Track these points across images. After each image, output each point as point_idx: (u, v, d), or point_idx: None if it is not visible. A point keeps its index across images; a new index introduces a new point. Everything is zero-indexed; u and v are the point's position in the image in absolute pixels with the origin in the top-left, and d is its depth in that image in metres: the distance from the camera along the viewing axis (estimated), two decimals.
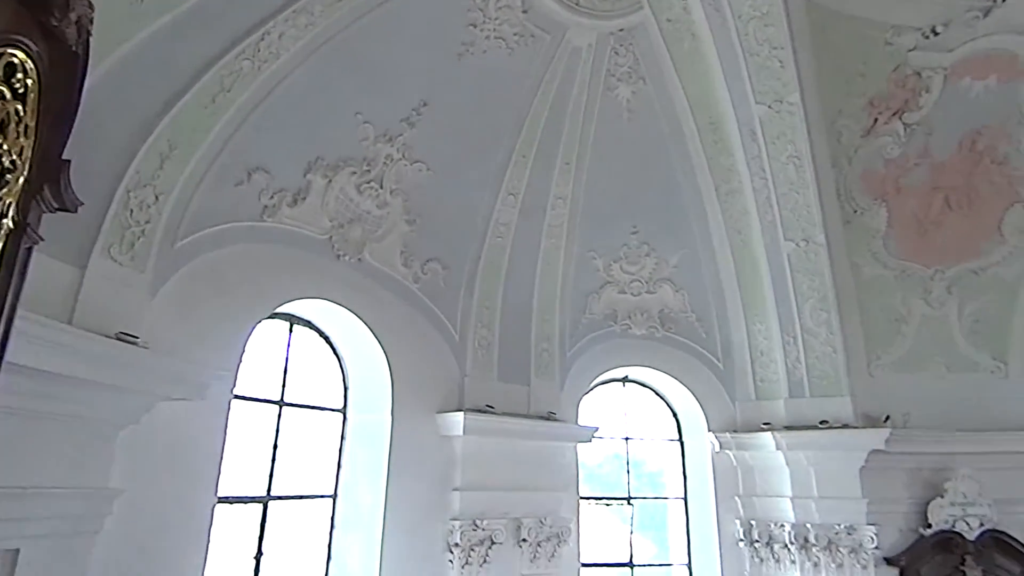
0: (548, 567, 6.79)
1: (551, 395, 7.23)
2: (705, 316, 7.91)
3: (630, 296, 7.78)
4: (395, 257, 6.21)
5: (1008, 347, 7.75)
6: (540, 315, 7.16)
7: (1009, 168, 6.86)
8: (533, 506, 6.80)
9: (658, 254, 7.71)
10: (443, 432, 6.38)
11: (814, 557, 7.09)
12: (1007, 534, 7.23)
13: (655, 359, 7.96)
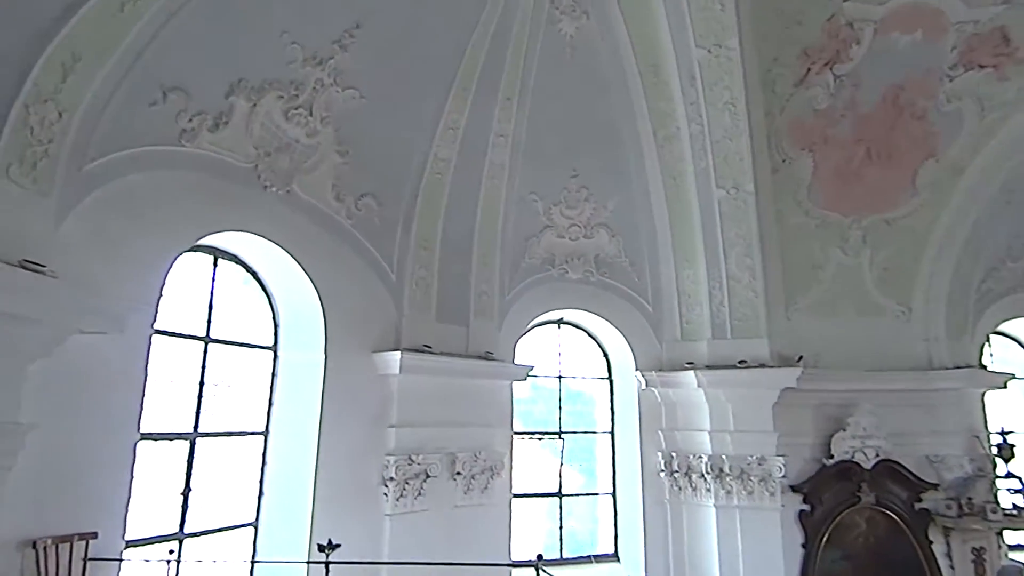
0: (481, 498, 6.86)
1: (489, 336, 7.14)
2: (638, 261, 7.91)
3: (568, 241, 7.67)
4: (327, 190, 5.81)
5: (912, 294, 8.15)
6: (480, 257, 6.96)
7: (927, 123, 7.04)
8: (468, 441, 6.79)
9: (596, 199, 7.59)
10: (379, 371, 6.20)
11: (727, 486, 7.43)
12: (898, 463, 7.76)
13: (590, 302, 7.95)
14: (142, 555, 4.61)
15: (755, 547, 7.28)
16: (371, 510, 6.07)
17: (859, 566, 7.61)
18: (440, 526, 6.41)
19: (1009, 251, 8.58)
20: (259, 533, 5.62)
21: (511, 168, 6.89)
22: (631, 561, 7.71)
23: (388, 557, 5.89)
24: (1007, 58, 6.41)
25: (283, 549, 5.46)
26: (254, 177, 5.25)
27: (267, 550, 5.53)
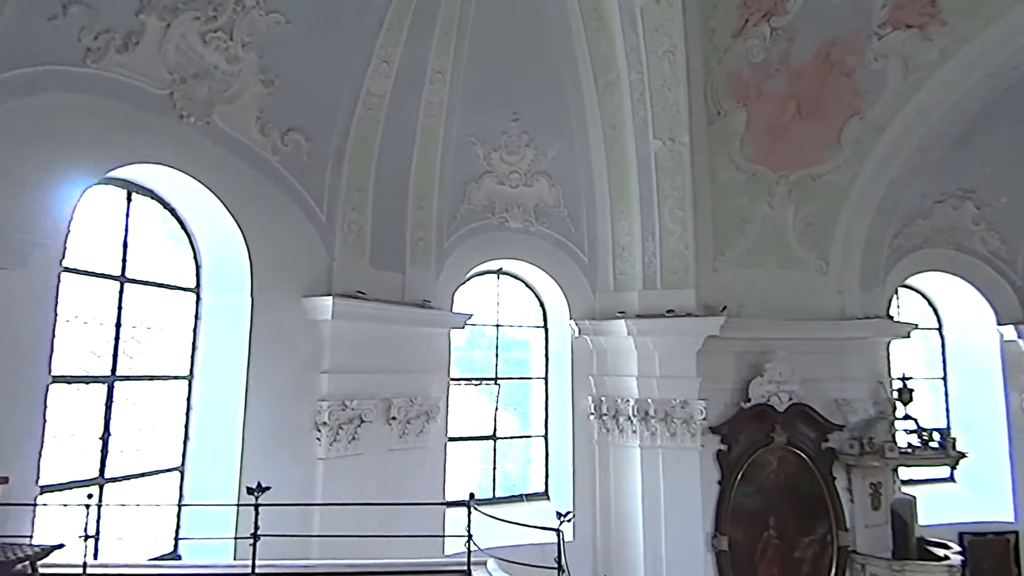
0: (416, 442, 6.79)
1: (427, 283, 6.92)
2: (576, 211, 7.81)
3: (508, 188, 7.46)
4: (250, 123, 5.33)
5: (830, 248, 8.42)
6: (417, 201, 6.66)
7: (854, 81, 7.13)
8: (404, 387, 6.65)
9: (537, 145, 7.37)
10: (310, 316, 5.92)
11: (652, 428, 7.64)
12: (809, 406, 8.15)
13: (529, 253, 7.84)
14: (59, 500, 4.33)
15: (676, 484, 7.57)
16: (303, 454, 5.89)
17: (769, 500, 8.03)
18: (374, 469, 6.31)
19: (920, 209, 8.98)
20: (185, 478, 5.39)
21: (449, 108, 6.53)
22: (561, 499, 7.89)
23: (321, 500, 5.78)
24: (932, 19, 6.52)
25: (211, 494, 5.26)
26: (169, 105, 4.77)
27: (194, 495, 5.32)
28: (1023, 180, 8.90)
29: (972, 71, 6.93)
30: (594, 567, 7.72)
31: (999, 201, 9.08)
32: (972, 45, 6.64)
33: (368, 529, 5.03)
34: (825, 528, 8.14)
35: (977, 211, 9.14)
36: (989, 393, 9.61)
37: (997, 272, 9.48)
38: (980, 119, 7.77)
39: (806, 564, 8.04)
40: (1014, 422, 9.41)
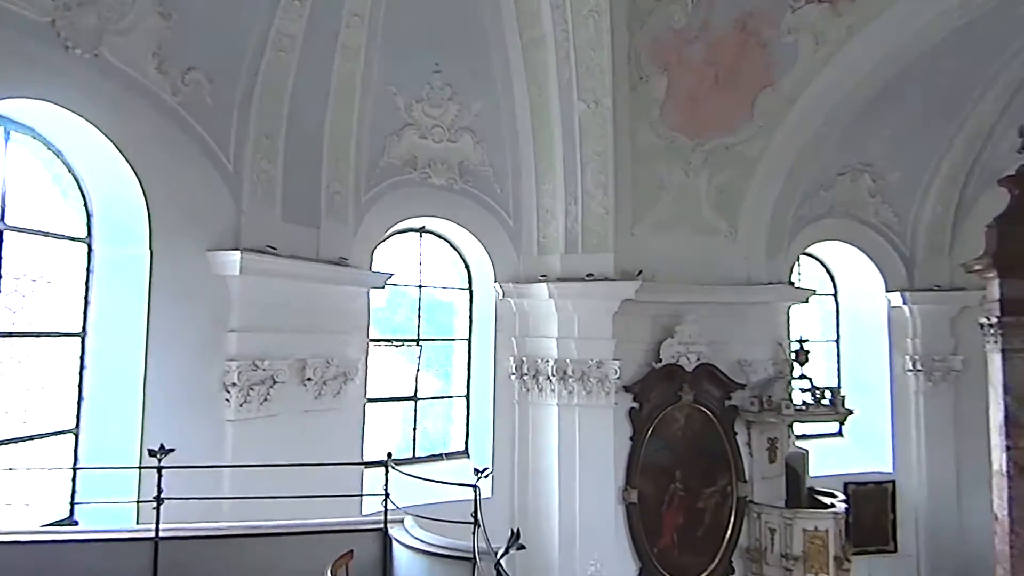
0: (333, 403, 6.58)
1: (343, 240, 6.62)
2: (501, 171, 7.64)
3: (431, 143, 7.18)
4: (145, 59, 4.82)
5: (739, 215, 8.69)
6: (333, 152, 6.27)
7: (768, 52, 7.27)
8: (320, 347, 6.39)
9: (461, 99, 7.11)
10: (216, 271, 5.52)
11: (570, 387, 7.77)
12: (715, 366, 8.49)
13: (453, 211, 7.65)
14: None
15: (590, 441, 7.76)
16: (212, 416, 5.57)
17: (677, 454, 8.38)
18: (288, 431, 6.06)
19: (822, 181, 9.40)
20: (81, 440, 4.99)
21: (368, 54, 6.14)
22: (480, 456, 7.91)
23: (232, 463, 5.50)
24: None
25: (110, 457, 4.89)
26: (52, 34, 4.23)
27: (91, 458, 4.94)
28: (916, 156, 9.46)
29: (876, 49, 7.21)
30: (511, 522, 7.82)
31: (893, 176, 9.63)
32: (877, 23, 6.89)
33: (283, 491, 4.86)
34: (726, 480, 8.58)
35: (873, 184, 9.66)
36: (876, 355, 10.33)
37: (888, 243, 10.11)
38: (880, 96, 8.15)
39: (708, 514, 8.48)
40: (896, 382, 10.17)
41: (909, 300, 9.99)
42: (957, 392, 9.95)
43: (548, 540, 7.67)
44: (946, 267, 9.97)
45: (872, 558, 9.64)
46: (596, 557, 7.34)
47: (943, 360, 9.98)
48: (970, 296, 9.43)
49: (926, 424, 9.99)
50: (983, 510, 8.72)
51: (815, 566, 8.15)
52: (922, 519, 9.93)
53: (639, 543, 8.06)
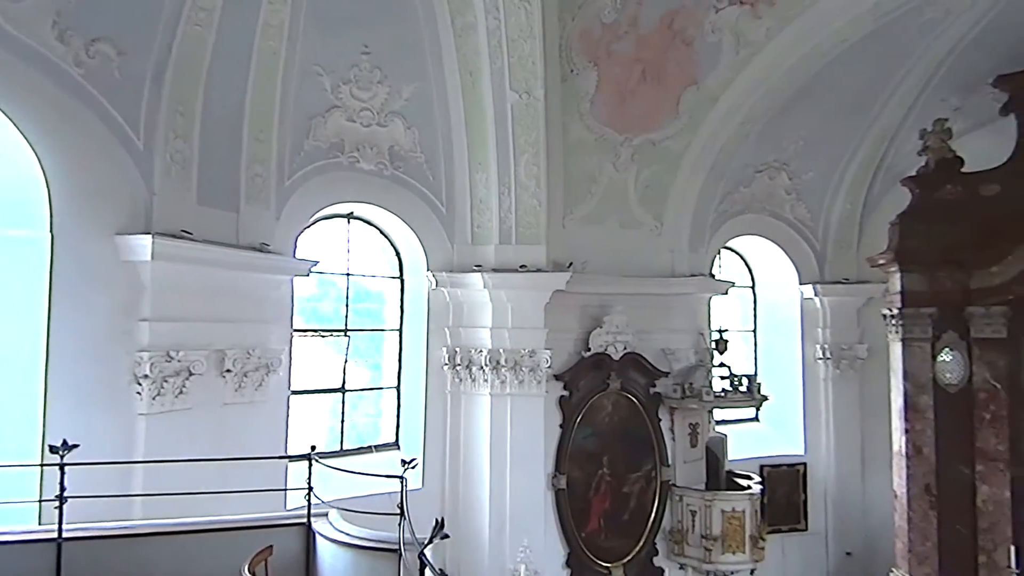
0: (255, 396, 6.29)
1: (265, 225, 6.31)
2: (433, 159, 7.48)
3: (360, 126, 6.93)
4: (44, 27, 4.42)
5: (665, 210, 8.92)
6: (254, 132, 5.94)
7: (693, 51, 7.47)
8: (240, 338, 6.08)
9: (391, 83, 6.89)
10: (124, 257, 5.14)
11: (503, 376, 7.77)
12: (640, 355, 8.71)
13: (383, 197, 7.43)
14: None
15: (522, 429, 7.79)
16: (121, 410, 5.21)
17: (604, 441, 8.55)
18: (206, 425, 5.76)
19: (742, 178, 9.78)
20: None
21: (291, 31, 5.84)
22: (411, 448, 7.78)
23: (144, 458, 5.18)
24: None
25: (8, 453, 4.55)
26: None
27: None
28: (828, 156, 9.98)
29: (792, 52, 7.52)
30: (442, 512, 7.75)
31: (807, 174, 10.13)
32: (793, 27, 7.19)
33: (201, 488, 4.63)
34: (650, 465, 8.82)
35: (789, 182, 10.13)
36: (789, 344, 10.86)
37: (802, 238, 10.63)
38: (796, 98, 8.52)
39: (633, 498, 8.70)
40: (807, 370, 10.73)
41: (820, 292, 10.55)
42: (862, 379, 10.61)
43: (479, 528, 7.67)
44: (853, 261, 10.58)
45: (785, 536, 10.17)
46: (526, 543, 7.38)
47: (850, 349, 10.61)
48: (875, 288, 10.06)
49: (834, 409, 10.60)
50: (885, 488, 9.37)
51: (732, 545, 8.52)
52: (830, 498, 10.55)
53: (567, 528, 8.18)
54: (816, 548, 10.46)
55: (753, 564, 8.69)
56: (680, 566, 8.93)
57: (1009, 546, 7.87)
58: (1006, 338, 8.14)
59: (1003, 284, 8.07)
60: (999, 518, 8.09)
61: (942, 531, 8.41)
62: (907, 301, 8.66)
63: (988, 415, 8.24)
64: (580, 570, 8.26)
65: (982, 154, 8.61)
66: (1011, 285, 8.04)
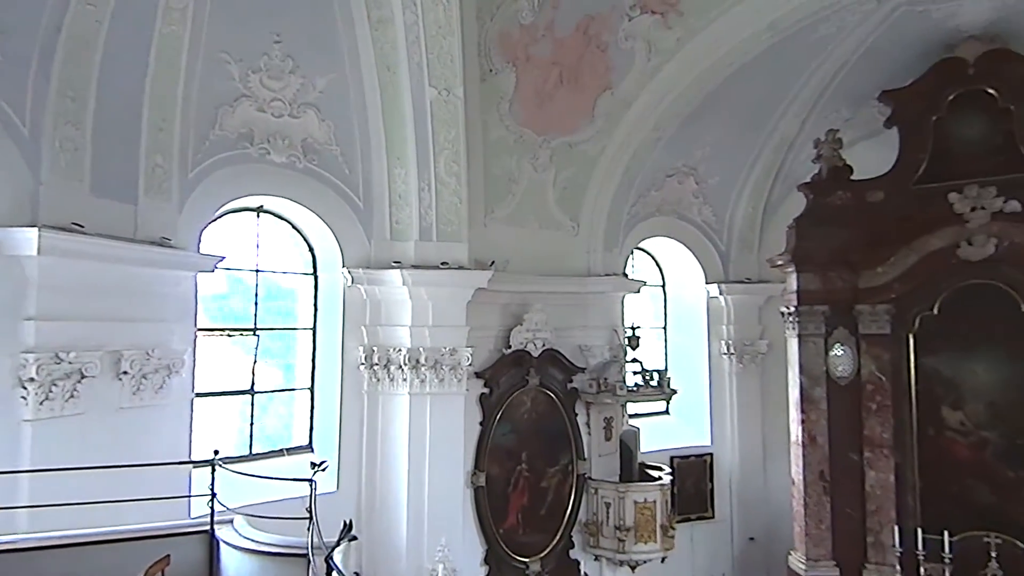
0: (155, 399, 5.93)
1: (166, 218, 5.94)
2: (349, 152, 7.30)
3: (271, 117, 6.66)
4: None
5: (581, 212, 9.16)
6: (154, 120, 5.60)
7: (607, 57, 7.70)
8: (138, 338, 5.73)
9: (304, 73, 6.68)
10: (7, 251, 4.73)
11: (422, 375, 7.68)
12: (559, 352, 8.88)
13: (295, 191, 7.17)
14: None
15: (441, 428, 7.74)
16: (4, 416, 4.83)
17: (522, 436, 8.66)
18: (101, 431, 5.38)
19: (654, 181, 10.16)
20: None
21: (196, 15, 5.55)
22: (325, 450, 7.58)
23: (31, 466, 4.78)
24: (672, 8, 7.26)
25: None
26: None
27: None
28: (732, 162, 10.54)
29: (699, 62, 7.90)
30: (358, 514, 7.61)
31: (713, 179, 10.66)
32: (700, 38, 7.56)
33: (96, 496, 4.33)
34: (567, 459, 9.01)
35: (696, 186, 10.63)
36: (696, 340, 11.39)
37: (708, 240, 11.18)
38: (703, 106, 8.95)
39: (551, 492, 8.85)
40: (713, 364, 11.29)
41: (724, 291, 11.11)
42: (763, 372, 11.26)
43: (396, 529, 7.57)
44: (755, 262, 11.22)
45: (693, 524, 10.65)
46: (444, 542, 7.35)
47: (752, 344, 11.25)
48: (774, 288, 10.70)
49: (738, 401, 11.20)
50: (784, 476, 9.99)
51: (644, 534, 8.84)
52: (735, 487, 11.13)
53: (486, 525, 8.22)
54: (722, 535, 11.01)
55: (664, 552, 9.05)
56: (595, 557, 9.18)
57: (893, 526, 8.59)
58: (890, 334, 8.85)
59: (887, 284, 8.78)
60: (884, 501, 8.78)
61: (835, 514, 9.05)
62: (802, 299, 9.29)
63: (874, 405, 8.93)
64: (498, 566, 8.32)
65: (870, 163, 9.36)
66: (894, 285, 8.76)
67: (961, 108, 8.71)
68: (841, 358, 9.10)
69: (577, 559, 9.08)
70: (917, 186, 8.87)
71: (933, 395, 8.71)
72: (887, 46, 8.64)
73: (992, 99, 8.53)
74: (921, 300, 8.68)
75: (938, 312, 8.62)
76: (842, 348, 9.09)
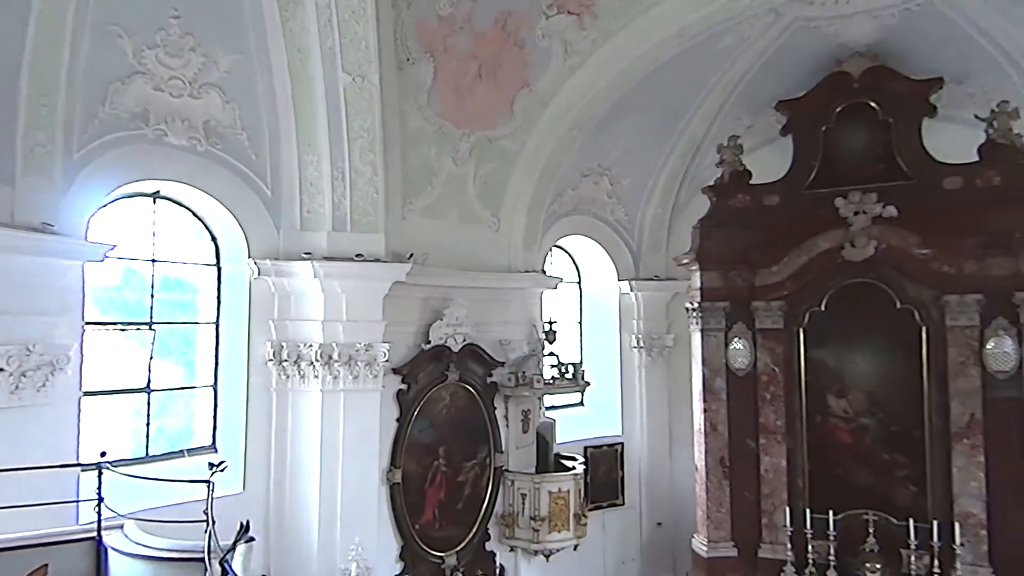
0: (36, 398, 5.35)
1: (48, 202, 5.35)
2: (256, 137, 6.87)
3: (169, 96, 6.16)
4: None
5: (502, 207, 9.12)
6: (34, 96, 5.03)
7: (526, 54, 7.68)
8: (16, 332, 5.16)
9: (206, 52, 6.22)
10: None
11: (335, 371, 7.37)
12: (479, 346, 8.80)
13: (195, 176, 6.67)
14: None
15: (356, 425, 7.46)
16: None
17: (441, 432, 8.51)
18: None
19: (571, 181, 10.30)
20: None
21: None
22: (231, 451, 7.14)
23: None
24: (587, 10, 7.33)
25: None
26: None
27: None
28: (643, 164, 10.85)
29: (612, 65, 8.01)
30: (266, 515, 7.22)
31: (626, 180, 10.94)
32: (613, 41, 7.68)
33: None
34: (485, 452, 8.95)
35: (611, 187, 10.87)
36: (609, 335, 11.67)
37: (621, 239, 11.47)
38: (617, 108, 9.14)
39: (468, 486, 8.76)
40: (624, 357, 11.61)
41: (635, 288, 11.46)
42: (669, 365, 11.68)
43: (308, 529, 7.25)
44: (663, 260, 11.64)
45: (605, 511, 10.89)
46: (357, 540, 7.10)
47: (659, 338, 11.65)
48: (680, 285, 11.13)
49: (647, 393, 11.57)
50: (688, 463, 10.40)
51: (558, 524, 8.93)
52: (643, 474, 11.49)
53: (401, 522, 8.02)
54: (631, 521, 11.33)
55: (576, 540, 9.18)
56: (510, 548, 9.18)
57: (785, 507, 9.13)
58: (782, 328, 9.41)
59: (780, 282, 9.34)
60: (777, 484, 9.33)
61: (734, 498, 9.53)
62: (705, 296, 9.71)
63: (769, 395, 9.47)
64: (414, 562, 8.14)
65: (768, 168, 9.92)
66: (786, 283, 9.32)
67: (848, 119, 9.36)
68: (739, 351, 9.58)
69: (493, 551, 9.04)
70: (808, 191, 9.46)
71: (820, 385, 9.32)
72: (784, 58, 9.16)
73: (874, 112, 9.22)
74: (810, 297, 9.26)
75: (825, 308, 9.22)
76: (740, 342, 9.57)
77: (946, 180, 8.74)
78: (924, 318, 8.72)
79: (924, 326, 8.72)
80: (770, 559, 9.21)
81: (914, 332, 8.77)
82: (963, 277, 8.47)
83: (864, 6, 8.23)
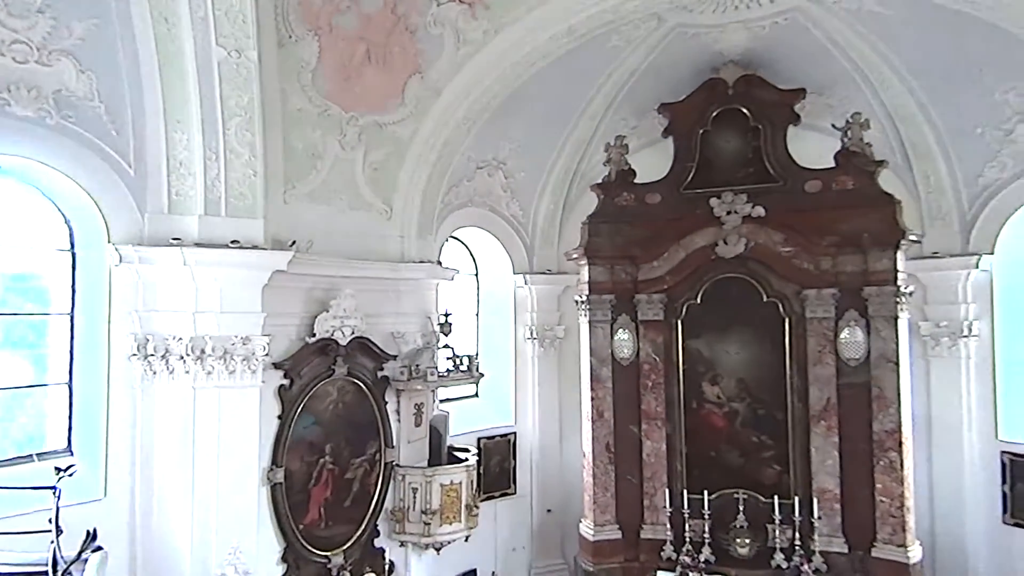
0: None
1: None
2: (117, 110, 6.27)
3: (12, 62, 5.50)
4: None
5: (394, 195, 8.91)
6: None
7: (417, 40, 7.54)
8: None
9: (56, 15, 5.60)
10: None
11: (209, 367, 6.87)
12: (368, 339, 8.54)
13: (45, 152, 6.00)
14: None
15: (232, 424, 7.02)
16: None
17: (328, 429, 8.20)
18: None
19: (466, 172, 10.27)
20: None
21: None
22: (89, 454, 6.52)
23: None
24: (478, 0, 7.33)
25: None
26: None
27: None
28: (537, 159, 11.04)
29: (505, 57, 8.05)
30: (131, 521, 6.65)
31: (520, 174, 11.07)
32: (505, 34, 7.71)
33: None
34: (375, 448, 8.74)
35: (505, 180, 10.97)
36: (504, 327, 11.82)
37: (515, 232, 11.63)
38: (510, 102, 9.21)
39: (356, 483, 8.51)
40: (518, 349, 11.80)
41: (529, 281, 11.68)
42: (560, 356, 11.97)
43: (178, 535, 6.74)
44: (555, 255, 11.90)
45: (497, 501, 11.00)
46: (235, 544, 6.70)
47: (551, 330, 11.92)
48: (570, 279, 11.45)
49: (539, 383, 11.81)
50: (577, 451, 10.72)
51: (449, 516, 8.90)
52: (534, 463, 11.71)
53: (284, 523, 7.65)
54: (523, 509, 11.52)
55: (468, 531, 9.19)
56: (400, 543, 9.03)
57: (664, 490, 9.66)
58: (663, 320, 9.95)
59: (661, 276, 9.89)
60: (658, 467, 9.87)
61: (618, 482, 9.98)
62: (592, 289, 10.08)
63: (650, 383, 9.99)
64: (297, 564, 7.79)
65: (653, 168, 10.40)
66: (666, 277, 9.88)
67: (722, 124, 10.02)
68: (624, 341, 10.03)
69: (382, 547, 8.86)
70: (686, 191, 10.04)
71: (696, 373, 9.94)
72: (666, 62, 9.63)
73: (746, 118, 9.92)
74: (687, 290, 9.86)
75: (701, 301, 9.85)
76: (625, 332, 10.02)
77: (808, 183, 9.57)
78: (787, 310, 9.51)
79: (787, 318, 9.51)
80: (651, 539, 9.71)
81: (778, 323, 9.55)
82: (821, 273, 9.32)
83: (737, 16, 8.80)
